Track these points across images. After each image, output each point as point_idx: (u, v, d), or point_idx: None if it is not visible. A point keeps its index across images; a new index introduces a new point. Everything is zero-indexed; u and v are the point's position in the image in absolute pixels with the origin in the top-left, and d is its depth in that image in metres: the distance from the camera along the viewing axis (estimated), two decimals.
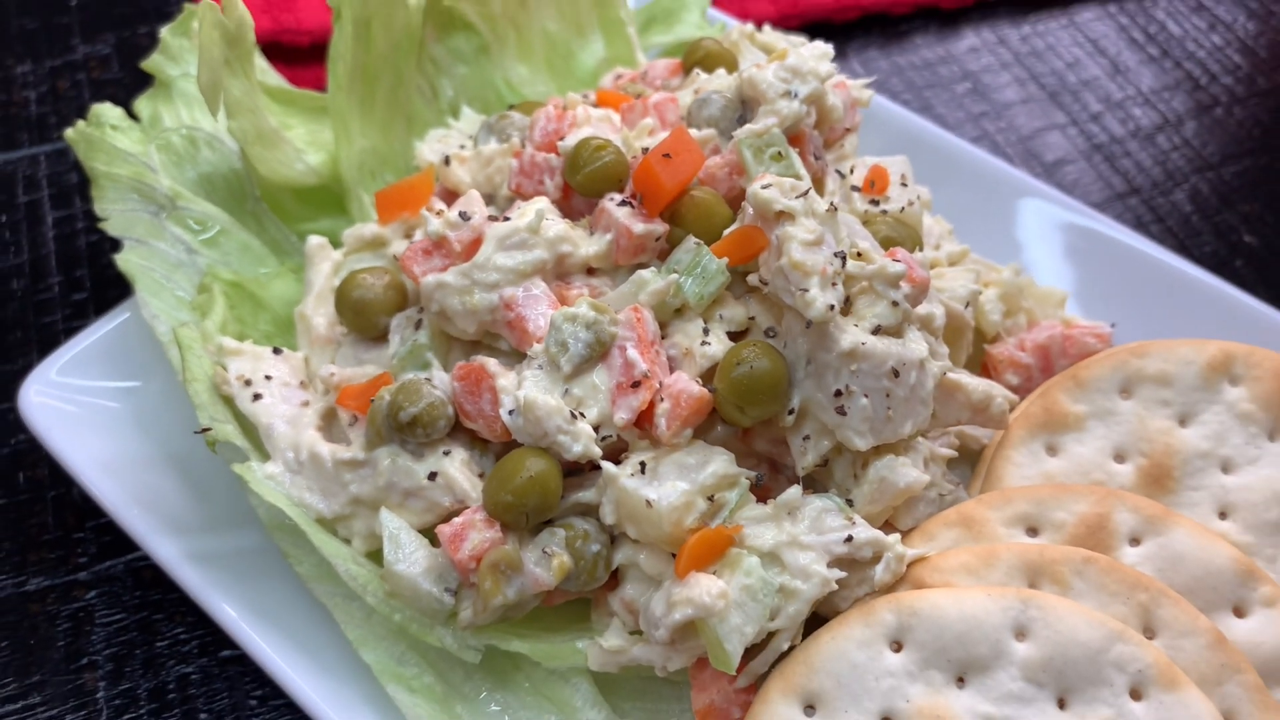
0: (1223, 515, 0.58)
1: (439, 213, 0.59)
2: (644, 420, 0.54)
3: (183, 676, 0.62)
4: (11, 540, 0.67)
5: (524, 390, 0.53)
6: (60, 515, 0.68)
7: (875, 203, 0.65)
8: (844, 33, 0.97)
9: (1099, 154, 0.90)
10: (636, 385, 0.53)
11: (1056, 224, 0.75)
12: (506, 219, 0.58)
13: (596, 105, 0.67)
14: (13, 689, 0.62)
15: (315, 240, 0.65)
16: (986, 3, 1.00)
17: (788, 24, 0.96)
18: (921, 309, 0.58)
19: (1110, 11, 1.01)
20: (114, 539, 0.67)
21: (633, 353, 0.54)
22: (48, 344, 0.74)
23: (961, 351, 0.64)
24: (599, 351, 0.54)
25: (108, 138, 0.66)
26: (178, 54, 0.70)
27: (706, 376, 0.55)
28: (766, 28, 0.75)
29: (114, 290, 0.78)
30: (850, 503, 0.55)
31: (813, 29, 0.96)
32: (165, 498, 0.61)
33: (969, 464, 0.63)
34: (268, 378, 0.59)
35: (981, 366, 0.67)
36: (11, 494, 0.69)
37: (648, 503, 0.52)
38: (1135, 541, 0.56)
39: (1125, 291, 0.72)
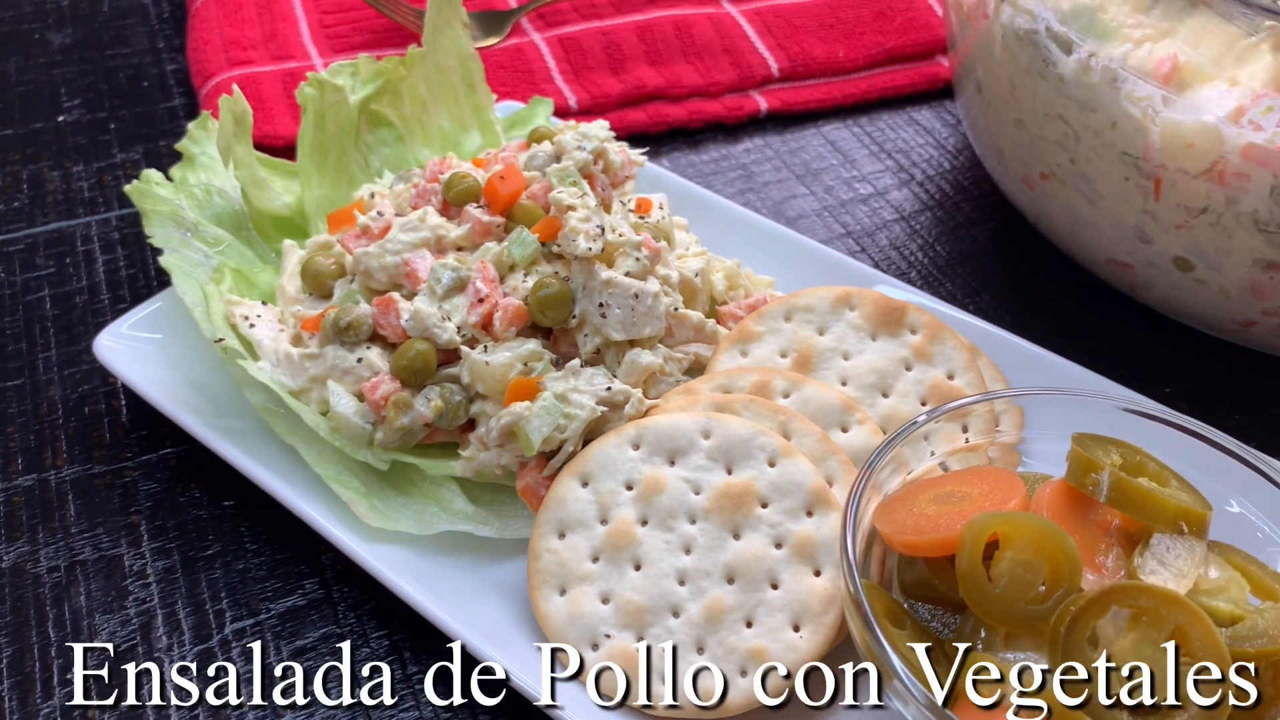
0: (843, 383, 0.96)
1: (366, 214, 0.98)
2: (487, 325, 0.91)
3: (197, 517, 0.95)
4: (81, 446, 1.01)
5: (414, 304, 0.90)
6: (113, 430, 1.02)
7: (642, 218, 1.04)
8: (657, 139, 1.39)
9: (828, 212, 1.31)
10: (481, 301, 0.91)
11: (777, 244, 1.14)
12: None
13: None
14: (84, 526, 0.95)
15: (289, 242, 1.02)
16: (758, 120, 1.43)
17: (618, 133, 1.37)
18: (661, 270, 0.97)
19: (848, 124, 1.45)
20: (149, 443, 1.01)
21: (480, 284, 0.91)
22: None
23: (698, 305, 1.02)
24: (459, 285, 0.92)
25: (154, 189, 1.04)
26: (198, 139, 1.09)
27: (525, 300, 0.93)
28: (584, 123, 1.16)
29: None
30: (614, 376, 0.92)
31: (635, 137, 1.38)
32: (189, 398, 0.96)
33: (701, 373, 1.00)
34: (259, 316, 0.95)
35: (716, 318, 1.05)
36: (81, 420, 1.03)
37: (486, 364, 0.88)
38: (785, 395, 0.93)
39: (817, 282, 1.11)
